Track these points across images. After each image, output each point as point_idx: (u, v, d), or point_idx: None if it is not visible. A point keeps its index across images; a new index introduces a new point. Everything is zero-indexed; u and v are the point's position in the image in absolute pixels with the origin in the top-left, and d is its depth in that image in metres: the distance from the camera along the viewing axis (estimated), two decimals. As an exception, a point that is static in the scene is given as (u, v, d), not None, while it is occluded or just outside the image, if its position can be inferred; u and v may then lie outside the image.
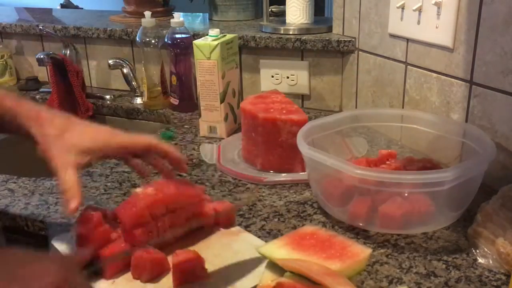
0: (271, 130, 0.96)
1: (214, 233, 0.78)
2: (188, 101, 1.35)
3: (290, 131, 0.94)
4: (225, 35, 1.16)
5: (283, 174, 0.97)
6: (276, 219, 0.83)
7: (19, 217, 0.87)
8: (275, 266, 0.64)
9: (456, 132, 0.89)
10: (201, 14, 1.76)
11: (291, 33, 1.31)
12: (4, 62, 1.65)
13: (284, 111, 0.97)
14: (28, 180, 0.98)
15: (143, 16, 1.35)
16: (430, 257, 0.73)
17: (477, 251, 0.72)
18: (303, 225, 0.82)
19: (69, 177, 0.66)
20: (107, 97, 1.52)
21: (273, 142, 0.96)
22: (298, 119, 0.95)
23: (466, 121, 0.93)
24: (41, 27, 1.54)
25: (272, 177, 0.96)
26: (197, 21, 1.69)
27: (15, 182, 0.98)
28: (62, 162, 0.67)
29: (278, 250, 0.66)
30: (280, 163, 0.97)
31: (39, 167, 0.75)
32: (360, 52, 1.22)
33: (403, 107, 1.09)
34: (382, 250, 0.75)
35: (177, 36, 1.29)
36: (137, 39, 1.36)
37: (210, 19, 1.64)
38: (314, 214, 0.85)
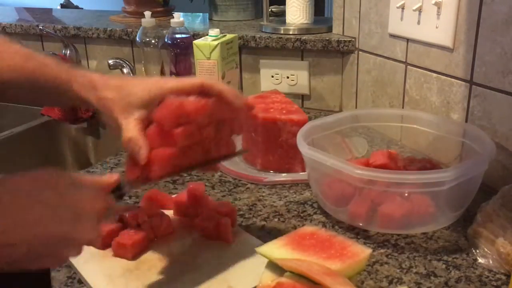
0: (271, 130, 0.96)
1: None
2: (188, 101, 1.35)
3: (290, 131, 0.94)
4: (225, 35, 1.16)
5: (283, 174, 0.97)
6: (276, 219, 0.83)
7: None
8: (275, 266, 0.64)
9: (456, 132, 0.89)
10: (201, 14, 1.76)
11: (291, 33, 1.31)
12: (4, 62, 1.65)
13: (284, 111, 0.97)
14: (28, 180, 0.98)
15: (143, 16, 1.35)
16: (430, 257, 0.73)
17: (477, 251, 0.72)
18: (303, 225, 0.82)
19: (133, 130, 0.66)
20: (107, 97, 1.51)
21: (273, 142, 0.96)
22: (298, 119, 0.95)
23: (466, 121, 0.93)
24: (41, 27, 1.54)
25: (272, 177, 0.96)
26: (197, 21, 1.69)
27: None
28: (126, 120, 0.67)
29: (278, 250, 0.66)
30: (280, 163, 0.97)
31: (39, 167, 0.75)
32: (360, 52, 1.22)
33: (403, 107, 1.09)
34: (382, 250, 0.75)
35: (177, 36, 1.29)
36: (137, 39, 1.36)
37: (210, 19, 1.64)
38: (314, 214, 0.85)
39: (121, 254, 0.72)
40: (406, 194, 0.76)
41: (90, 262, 0.71)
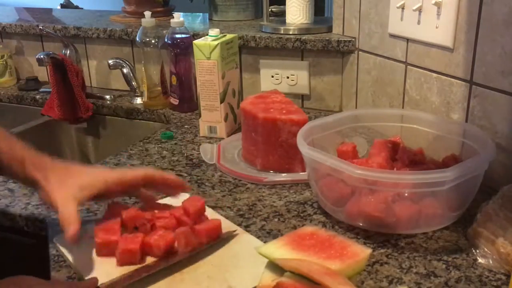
0: (271, 130, 0.96)
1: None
2: (188, 101, 1.35)
3: (290, 131, 0.94)
4: (225, 35, 1.16)
5: (283, 174, 0.97)
6: (276, 219, 0.83)
7: (19, 217, 0.87)
8: (275, 266, 0.64)
9: (456, 132, 0.89)
10: (201, 14, 1.76)
11: (291, 33, 1.31)
12: (4, 62, 1.65)
13: (284, 111, 0.97)
14: (28, 180, 0.98)
15: (143, 16, 1.35)
16: (430, 257, 0.73)
17: (477, 251, 0.72)
18: (303, 225, 0.82)
19: (66, 209, 0.69)
20: (107, 97, 1.52)
21: (273, 142, 0.96)
22: (298, 119, 0.95)
23: (466, 121, 0.93)
24: (41, 27, 1.54)
25: (272, 177, 0.96)
26: (197, 21, 1.69)
27: (15, 182, 0.97)
28: (62, 198, 0.71)
29: (277, 250, 0.66)
30: (280, 163, 0.97)
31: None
32: (360, 52, 1.22)
33: (403, 107, 1.09)
34: (382, 250, 0.75)
35: (177, 36, 1.29)
36: (137, 39, 1.36)
37: (210, 19, 1.64)
38: (314, 214, 0.85)
39: (128, 260, 0.71)
40: (406, 194, 0.76)
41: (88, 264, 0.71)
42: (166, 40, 1.30)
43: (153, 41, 1.35)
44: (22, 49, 1.71)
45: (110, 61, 1.46)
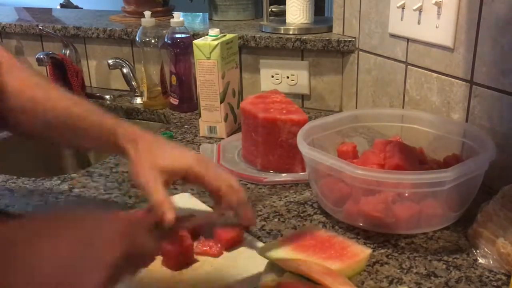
0: (271, 130, 0.96)
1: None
2: (188, 101, 1.35)
3: (290, 131, 0.94)
4: (225, 35, 1.16)
5: (283, 174, 0.96)
6: (276, 219, 0.83)
7: (19, 217, 0.87)
8: (275, 266, 0.64)
9: (456, 132, 0.89)
10: (201, 14, 1.76)
11: (291, 33, 1.31)
12: (4, 62, 1.65)
13: (284, 111, 0.97)
14: (28, 180, 0.98)
15: (143, 16, 1.34)
16: (431, 257, 0.73)
17: (478, 251, 0.72)
18: (303, 225, 0.82)
19: (161, 191, 0.69)
20: (107, 97, 1.52)
21: (273, 142, 0.96)
22: (298, 119, 0.94)
23: (467, 121, 0.93)
24: (40, 27, 1.54)
25: (272, 177, 0.96)
26: (197, 21, 1.69)
27: (15, 182, 0.97)
28: (151, 178, 0.70)
29: (278, 250, 0.66)
30: (280, 163, 0.97)
31: (39, 167, 0.75)
32: (360, 52, 1.22)
33: (403, 107, 1.09)
34: (382, 250, 0.75)
35: (177, 36, 1.29)
36: (137, 39, 1.36)
37: (210, 19, 1.64)
38: (314, 214, 0.85)
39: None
40: (406, 194, 0.76)
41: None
42: (166, 40, 1.30)
43: (153, 41, 1.35)
44: (22, 49, 1.71)
45: (110, 61, 1.46)
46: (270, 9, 1.45)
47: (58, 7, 3.13)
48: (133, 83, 1.48)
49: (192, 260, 0.71)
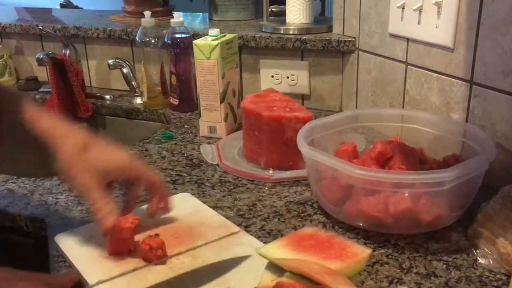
0: (276, 128, 0.96)
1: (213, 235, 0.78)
2: (188, 101, 1.35)
3: (295, 129, 0.94)
4: (225, 35, 1.16)
5: (288, 172, 0.96)
6: (276, 219, 0.83)
7: (19, 217, 0.87)
8: (275, 267, 0.64)
9: (456, 132, 0.89)
10: (201, 14, 1.76)
11: (291, 33, 1.31)
12: (3, 62, 1.65)
13: (287, 109, 0.97)
14: (28, 180, 0.98)
15: (143, 16, 1.34)
16: (431, 257, 0.73)
17: (478, 251, 0.72)
18: (303, 225, 0.82)
19: (98, 196, 0.68)
20: (107, 97, 1.52)
21: (278, 140, 0.96)
22: (303, 117, 0.95)
23: (467, 121, 0.93)
24: (40, 27, 1.54)
25: (278, 174, 0.96)
26: (197, 21, 1.69)
27: (14, 182, 0.97)
28: (86, 180, 0.68)
29: (277, 251, 0.66)
30: (285, 160, 0.97)
31: (38, 167, 0.75)
32: (360, 52, 1.22)
33: (403, 107, 1.09)
34: (382, 250, 0.75)
35: (177, 36, 1.29)
36: (137, 39, 1.36)
37: (210, 19, 1.64)
38: (314, 214, 0.85)
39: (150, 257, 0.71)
40: (406, 194, 0.76)
41: (88, 263, 0.71)
42: (166, 40, 1.30)
43: (153, 41, 1.35)
44: (22, 49, 1.71)
45: (110, 61, 1.46)
46: (270, 9, 1.45)
47: (58, 7, 3.12)
48: (133, 83, 1.48)
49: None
